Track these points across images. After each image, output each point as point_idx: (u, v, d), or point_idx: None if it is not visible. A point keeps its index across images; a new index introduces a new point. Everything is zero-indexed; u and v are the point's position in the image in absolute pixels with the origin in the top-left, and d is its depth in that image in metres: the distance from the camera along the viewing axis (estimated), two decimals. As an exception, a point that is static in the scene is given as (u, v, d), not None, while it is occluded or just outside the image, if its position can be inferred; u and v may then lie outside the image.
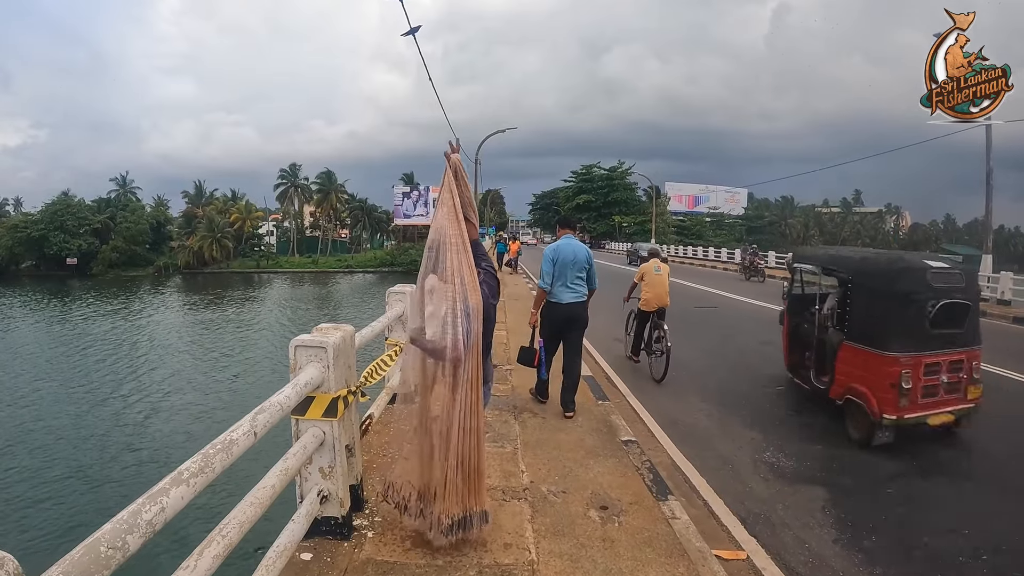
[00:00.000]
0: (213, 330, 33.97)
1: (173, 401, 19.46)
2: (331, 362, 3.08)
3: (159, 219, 77.25)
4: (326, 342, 3.07)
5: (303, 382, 2.82)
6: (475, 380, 3.22)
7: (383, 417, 5.91)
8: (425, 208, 78.04)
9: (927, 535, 4.57)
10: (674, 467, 5.80)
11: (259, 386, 20.75)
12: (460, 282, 3.13)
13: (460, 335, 3.07)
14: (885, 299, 6.39)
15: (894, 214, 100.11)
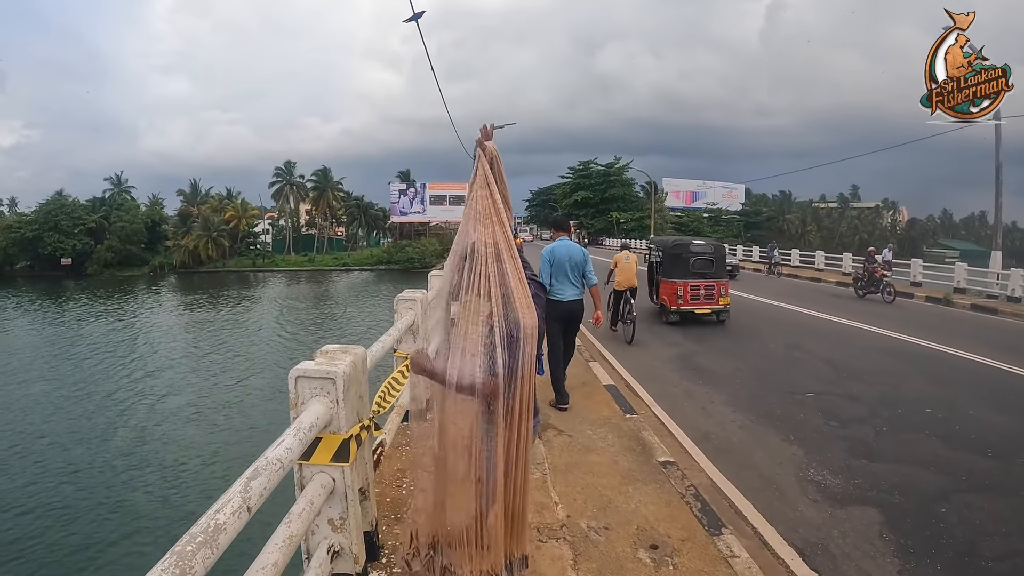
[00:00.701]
0: (209, 331, 33.36)
1: (168, 404, 19.08)
2: (340, 396, 2.50)
3: (154, 218, 76.34)
4: (335, 372, 2.49)
5: (307, 424, 2.24)
6: (525, 414, 2.63)
7: (396, 439, 5.33)
8: (422, 205, 77.49)
9: (990, 559, 4.26)
10: (715, 490, 5.26)
11: (256, 392, 20.47)
12: (506, 299, 2.53)
13: (499, 367, 2.47)
14: (672, 257, 13.82)
15: (891, 209, 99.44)
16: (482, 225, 2.61)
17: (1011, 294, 18.06)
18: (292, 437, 2.07)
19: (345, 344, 2.84)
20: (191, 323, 36.53)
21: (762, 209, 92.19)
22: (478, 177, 2.71)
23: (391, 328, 4.67)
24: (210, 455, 14.75)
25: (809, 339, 12.16)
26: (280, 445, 1.98)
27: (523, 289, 2.58)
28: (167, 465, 14.18)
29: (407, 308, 5.72)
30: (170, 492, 12.83)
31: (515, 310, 2.51)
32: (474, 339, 2.49)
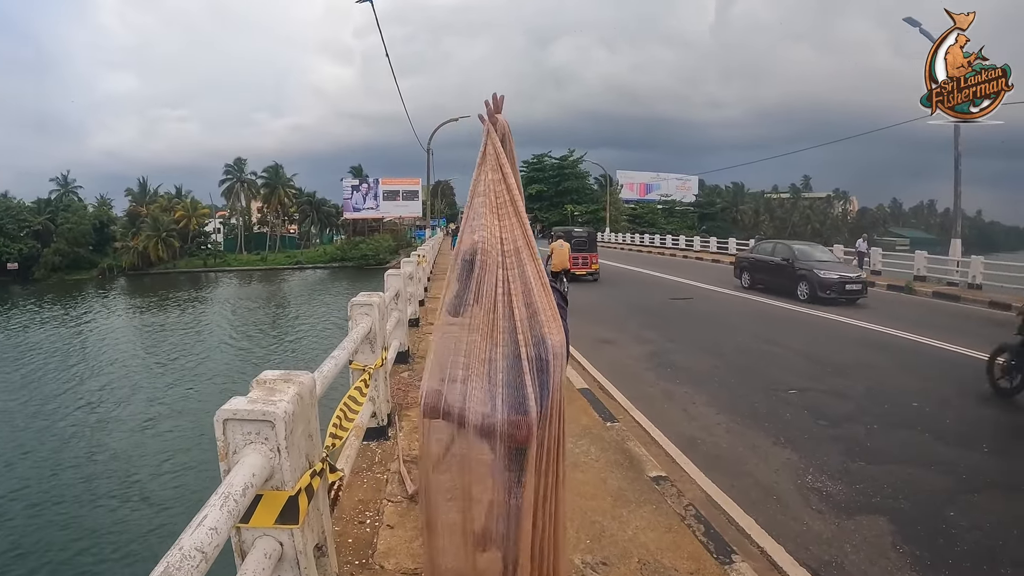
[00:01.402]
0: (159, 335, 32.05)
1: (118, 413, 18.26)
2: (282, 443, 1.87)
3: (102, 219, 73.35)
4: (273, 413, 1.87)
5: (239, 486, 1.62)
6: (559, 453, 2.06)
7: (356, 463, 4.71)
8: (375, 201, 76.21)
9: (1010, 565, 4.04)
10: (713, 505, 4.79)
11: (208, 397, 19.60)
12: (532, 313, 1.94)
13: (531, 402, 1.88)
14: (570, 240, 18.09)
15: (842, 199, 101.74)
16: (497, 217, 2.00)
17: (972, 281, 18.22)
18: (219, 510, 1.48)
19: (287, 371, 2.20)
20: (140, 327, 35.08)
21: (716, 200, 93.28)
22: (488, 157, 2.08)
23: (345, 339, 4.04)
24: (162, 463, 14.08)
25: (781, 331, 11.90)
26: (202, 526, 1.39)
27: (548, 299, 1.99)
28: (119, 476, 13.43)
29: (363, 314, 5.08)
30: (123, 504, 12.16)
31: (540, 325, 1.92)
32: (496, 366, 1.90)
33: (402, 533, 3.67)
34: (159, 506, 11.77)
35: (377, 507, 4.03)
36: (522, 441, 1.87)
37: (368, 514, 3.92)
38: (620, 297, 17.09)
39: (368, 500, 4.14)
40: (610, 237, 57.66)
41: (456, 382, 1.94)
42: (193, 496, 11.80)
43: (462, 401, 1.90)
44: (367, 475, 4.57)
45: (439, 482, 2.14)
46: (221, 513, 1.50)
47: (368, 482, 4.45)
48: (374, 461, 4.88)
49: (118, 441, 15.66)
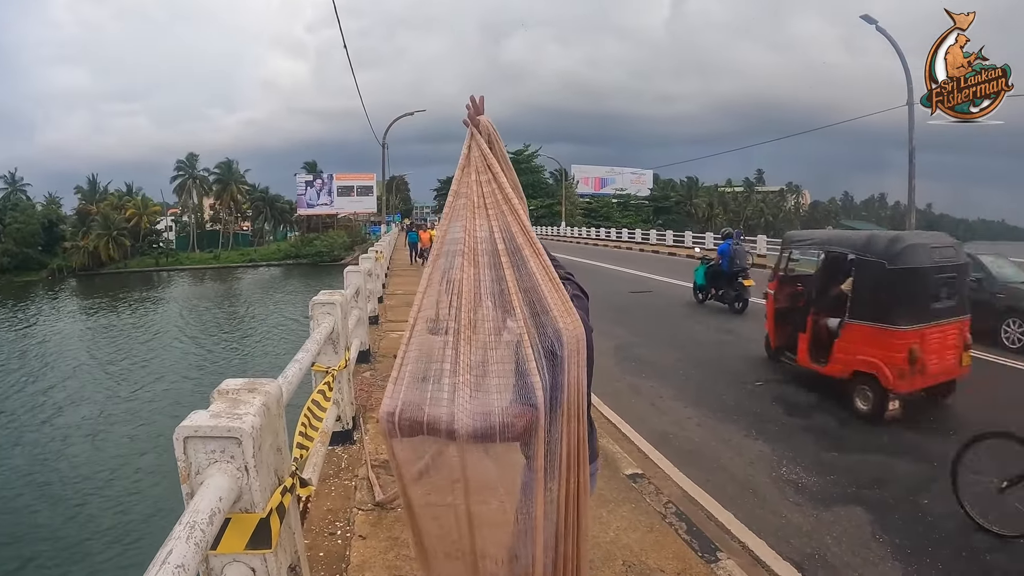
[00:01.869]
0: (110, 337, 30.89)
1: (69, 418, 17.52)
2: (250, 461, 1.67)
3: (51, 218, 70.50)
4: (240, 429, 1.67)
5: (205, 513, 1.42)
6: (578, 457, 1.86)
7: (323, 469, 4.48)
8: (329, 197, 75.15)
9: (986, 552, 4.08)
10: (689, 500, 4.71)
11: (161, 399, 19.16)
12: (536, 307, 1.75)
13: (537, 393, 1.68)
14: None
15: (795, 192, 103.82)
16: (487, 217, 1.81)
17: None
18: (184, 542, 1.27)
19: (251, 379, 1.99)
20: (91, 330, 33.72)
21: (670, 194, 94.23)
22: (473, 160, 1.89)
23: (308, 341, 3.81)
24: (117, 467, 13.58)
25: (738, 322, 11.98)
26: (167, 564, 1.18)
27: (558, 291, 1.81)
28: (71, 481, 12.90)
29: (325, 313, 4.84)
30: (77, 511, 11.67)
31: (553, 319, 1.74)
32: (491, 369, 1.71)
33: (375, 544, 3.47)
34: (115, 524, 11.21)
35: (347, 516, 3.81)
36: (525, 432, 1.68)
37: (338, 524, 3.70)
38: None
39: (337, 509, 3.92)
40: (566, 231, 57.79)
41: (442, 392, 1.74)
42: (151, 509, 11.37)
43: (450, 411, 1.70)
44: (334, 482, 4.35)
45: (426, 501, 1.94)
46: (188, 546, 1.30)
47: (336, 490, 4.22)
48: (340, 467, 4.66)
49: (71, 446, 15.05)
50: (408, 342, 1.84)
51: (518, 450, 1.78)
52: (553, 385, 1.68)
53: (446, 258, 1.86)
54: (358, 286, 7.85)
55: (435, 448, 1.83)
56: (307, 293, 42.43)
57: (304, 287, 47.48)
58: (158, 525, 10.90)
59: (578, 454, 1.82)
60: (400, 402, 1.78)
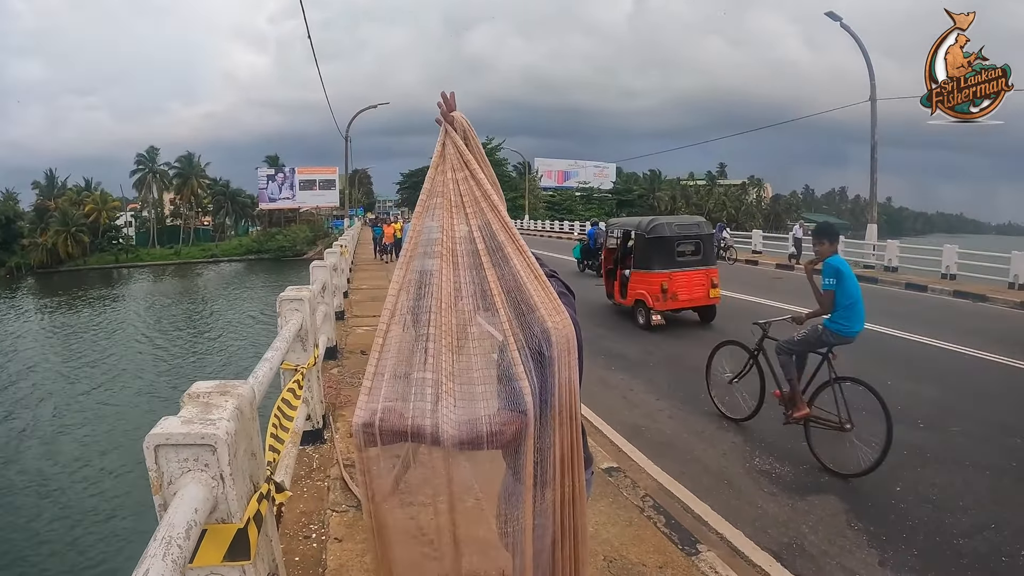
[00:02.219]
0: (69, 337, 29.99)
1: (25, 418, 17.16)
2: (226, 468, 1.59)
3: (8, 214, 67.68)
4: (214, 435, 1.57)
5: (181, 527, 1.31)
6: (572, 462, 1.79)
7: (295, 470, 4.35)
8: (291, 191, 74.09)
9: (959, 536, 4.14)
10: (665, 492, 4.71)
11: (123, 399, 18.73)
12: (521, 307, 1.65)
13: (526, 398, 1.59)
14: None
15: (756, 186, 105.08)
16: (464, 216, 1.72)
17: (888, 264, 19.03)
18: (161, 560, 1.17)
19: (222, 381, 1.87)
20: (50, 329, 32.72)
21: (633, 187, 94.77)
22: (449, 157, 1.79)
23: (276, 339, 3.68)
24: (77, 469, 13.23)
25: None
26: None
27: (544, 289, 1.73)
28: (23, 489, 12.50)
29: (293, 310, 4.73)
30: (35, 513, 11.41)
31: (540, 318, 1.65)
32: (474, 375, 1.62)
33: (352, 546, 3.38)
34: (73, 535, 10.84)
35: (322, 518, 3.71)
36: (509, 442, 1.61)
37: (313, 527, 3.60)
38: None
39: (311, 511, 3.81)
40: (529, 224, 57.75)
41: (425, 402, 1.64)
42: (118, 515, 11.06)
43: (434, 421, 1.60)
44: (307, 483, 4.24)
45: (402, 516, 1.84)
46: (165, 564, 1.21)
47: (309, 491, 4.12)
48: (312, 467, 4.54)
49: (29, 448, 14.66)
50: (382, 348, 1.74)
51: (500, 458, 1.72)
52: (542, 388, 1.60)
53: (421, 259, 1.76)
54: (324, 281, 7.71)
55: (411, 448, 1.74)
56: (269, 289, 42.06)
57: (266, 283, 46.77)
58: (121, 533, 10.62)
59: (572, 458, 1.75)
60: (379, 411, 1.67)
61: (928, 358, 8.75)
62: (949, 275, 17.39)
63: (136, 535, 10.40)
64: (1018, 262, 15.76)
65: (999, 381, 7.76)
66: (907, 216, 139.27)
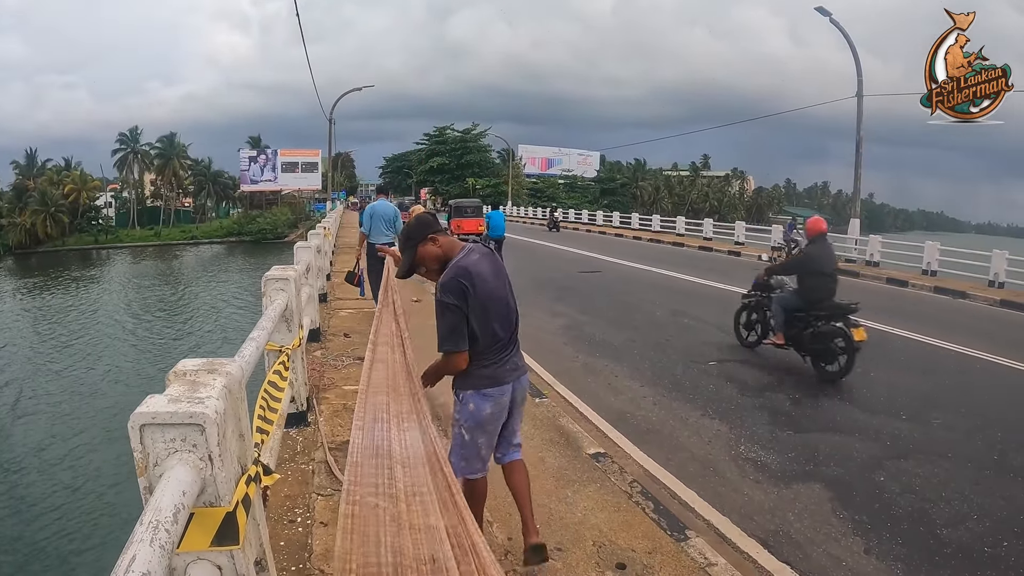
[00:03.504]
0: (47, 318, 29.65)
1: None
2: (215, 449, 1.53)
3: None
4: (203, 414, 1.50)
5: (168, 510, 1.23)
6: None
7: (279, 453, 4.27)
8: (273, 173, 73.53)
9: (942, 526, 4.18)
10: (651, 479, 4.68)
11: (103, 380, 18.56)
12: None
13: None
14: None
15: (739, 178, 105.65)
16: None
17: (870, 259, 19.19)
18: (148, 545, 1.10)
19: (210, 359, 1.80)
20: (29, 310, 32.25)
21: (616, 176, 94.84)
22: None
23: (262, 318, 3.59)
24: (61, 453, 13.04)
25: (691, 303, 12.08)
26: (131, 571, 1.02)
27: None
28: (11, 470, 12.37)
29: (278, 289, 4.63)
30: (13, 500, 11.26)
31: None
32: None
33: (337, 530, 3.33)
34: (55, 518, 10.68)
35: (307, 503, 3.65)
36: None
37: (298, 511, 3.54)
38: (528, 270, 16.70)
39: (296, 495, 3.75)
40: (512, 211, 57.64)
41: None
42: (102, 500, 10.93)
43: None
44: (291, 466, 4.17)
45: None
46: (152, 550, 1.14)
47: (293, 474, 4.05)
48: (296, 450, 4.47)
49: (7, 443, 14.19)
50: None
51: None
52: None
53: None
54: (309, 262, 7.60)
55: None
56: (250, 272, 41.68)
57: (246, 266, 46.33)
58: (104, 515, 10.48)
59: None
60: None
61: (910, 352, 8.81)
62: (930, 271, 17.55)
63: (110, 518, 10.30)
64: (998, 261, 15.96)
65: (980, 376, 7.84)
66: (888, 212, 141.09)
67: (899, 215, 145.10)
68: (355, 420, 2.52)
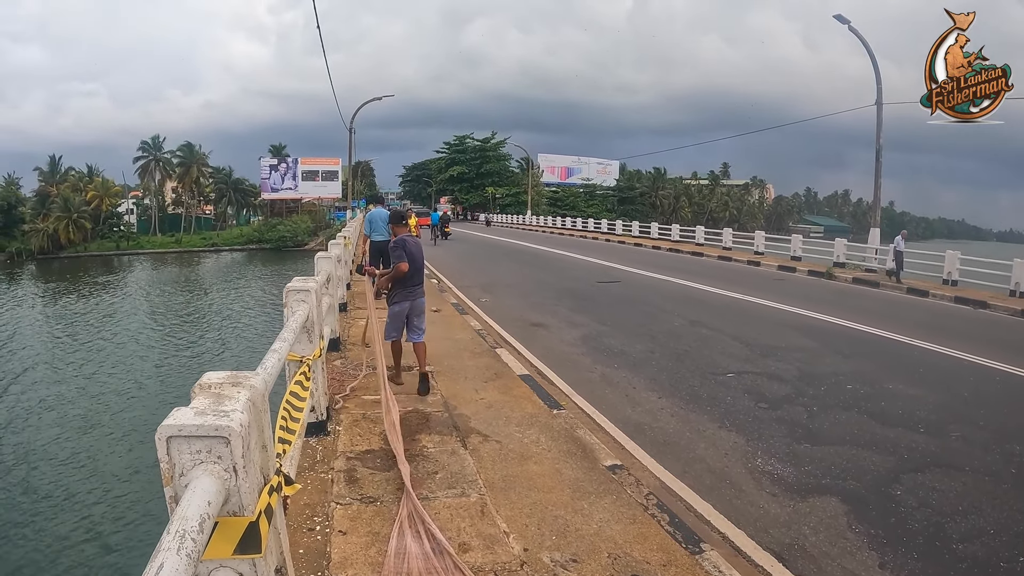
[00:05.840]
0: (70, 324, 30.02)
1: (30, 416, 16.80)
2: (239, 461, 1.61)
3: (10, 200, 67.74)
4: (228, 427, 1.59)
5: (194, 520, 1.29)
6: None
7: (299, 461, 4.34)
8: (294, 181, 74.27)
9: (959, 541, 4.13)
10: (667, 491, 4.69)
11: (129, 389, 18.62)
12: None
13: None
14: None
15: (759, 187, 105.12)
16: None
17: (890, 268, 18.99)
18: (176, 554, 1.16)
19: (233, 372, 1.86)
20: (53, 317, 32.66)
21: (635, 185, 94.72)
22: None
23: (284, 330, 3.67)
24: (85, 462, 13.23)
25: (710, 314, 12.02)
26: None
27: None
28: (29, 490, 12.33)
29: (300, 300, 4.71)
30: (34, 509, 11.33)
31: None
32: None
33: (356, 539, 3.38)
34: (88, 521, 10.83)
35: (325, 511, 3.72)
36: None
37: (317, 519, 3.61)
38: (547, 281, 16.85)
39: (315, 504, 3.81)
40: (531, 220, 57.78)
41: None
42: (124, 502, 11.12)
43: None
44: (310, 475, 4.24)
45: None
46: (179, 558, 1.20)
47: (313, 483, 4.12)
48: (316, 459, 4.54)
49: (33, 447, 14.44)
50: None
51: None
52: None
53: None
54: (329, 272, 7.70)
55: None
56: (270, 279, 42.26)
57: (266, 273, 46.84)
58: (130, 523, 10.64)
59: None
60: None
61: (929, 363, 8.72)
62: (951, 281, 17.37)
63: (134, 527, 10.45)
64: (1019, 270, 15.77)
65: (1000, 388, 7.77)
66: (909, 221, 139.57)
67: (920, 223, 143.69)
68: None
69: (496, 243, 32.24)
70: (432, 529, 3.32)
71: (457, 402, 6.24)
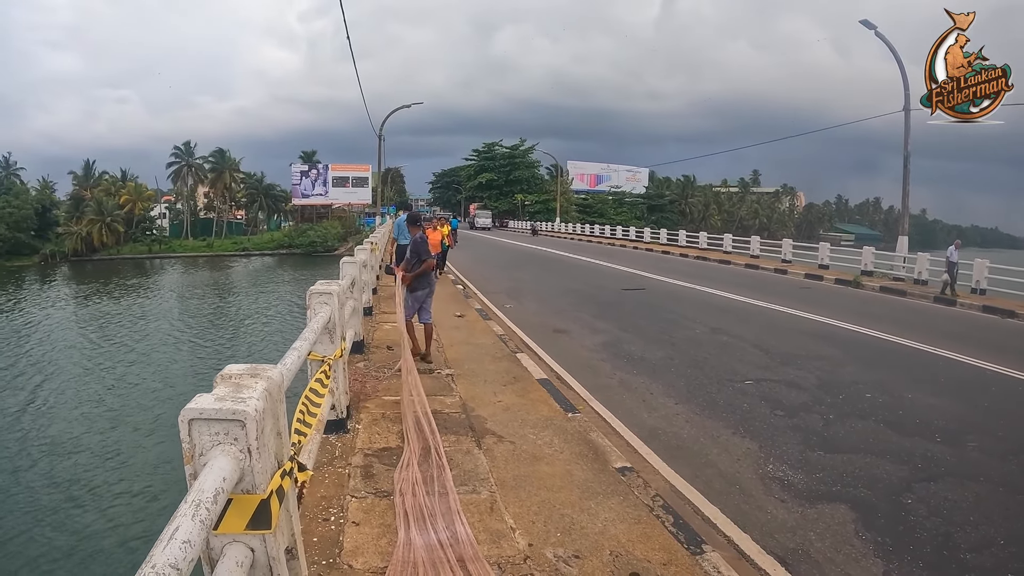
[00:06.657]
0: (105, 325, 30.81)
1: (65, 410, 17.42)
2: (253, 443, 1.78)
3: (45, 203, 69.86)
4: (244, 411, 1.76)
5: (210, 492, 1.47)
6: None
7: (318, 457, 4.52)
8: (324, 187, 75.23)
9: (967, 551, 4.14)
10: (676, 494, 4.78)
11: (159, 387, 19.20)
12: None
13: None
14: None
15: (789, 194, 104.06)
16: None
17: (918, 277, 18.77)
18: (191, 520, 1.33)
19: (253, 365, 2.06)
20: (86, 317, 33.49)
21: (664, 192, 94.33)
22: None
23: (305, 330, 3.86)
24: (112, 455, 13.67)
25: (731, 322, 12.02)
26: (174, 539, 1.25)
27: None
28: (67, 479, 12.79)
29: (322, 303, 4.89)
30: (72, 493, 11.87)
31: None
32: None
33: (368, 530, 3.55)
34: (115, 509, 11.25)
35: (341, 503, 3.89)
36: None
37: (332, 511, 3.78)
38: (573, 287, 16.99)
39: (331, 496, 3.99)
40: (560, 227, 57.96)
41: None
42: (150, 493, 11.50)
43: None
44: (328, 470, 4.42)
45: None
46: (193, 524, 1.36)
47: (330, 477, 4.30)
48: (335, 455, 4.72)
49: (65, 440, 14.93)
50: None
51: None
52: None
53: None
54: (353, 277, 7.90)
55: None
56: (299, 284, 42.82)
57: (296, 277, 47.49)
58: (155, 505, 11.05)
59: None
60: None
61: (951, 373, 8.67)
62: (979, 290, 17.10)
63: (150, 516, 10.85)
64: (1049, 278, 15.47)
65: (1021, 399, 7.70)
66: (940, 228, 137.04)
67: (952, 231, 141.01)
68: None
69: (523, 250, 32.42)
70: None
71: (475, 404, 6.39)
